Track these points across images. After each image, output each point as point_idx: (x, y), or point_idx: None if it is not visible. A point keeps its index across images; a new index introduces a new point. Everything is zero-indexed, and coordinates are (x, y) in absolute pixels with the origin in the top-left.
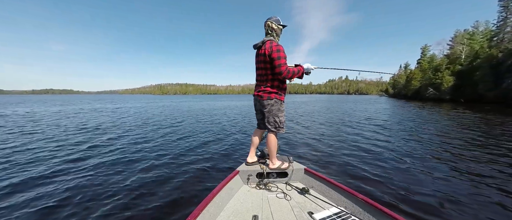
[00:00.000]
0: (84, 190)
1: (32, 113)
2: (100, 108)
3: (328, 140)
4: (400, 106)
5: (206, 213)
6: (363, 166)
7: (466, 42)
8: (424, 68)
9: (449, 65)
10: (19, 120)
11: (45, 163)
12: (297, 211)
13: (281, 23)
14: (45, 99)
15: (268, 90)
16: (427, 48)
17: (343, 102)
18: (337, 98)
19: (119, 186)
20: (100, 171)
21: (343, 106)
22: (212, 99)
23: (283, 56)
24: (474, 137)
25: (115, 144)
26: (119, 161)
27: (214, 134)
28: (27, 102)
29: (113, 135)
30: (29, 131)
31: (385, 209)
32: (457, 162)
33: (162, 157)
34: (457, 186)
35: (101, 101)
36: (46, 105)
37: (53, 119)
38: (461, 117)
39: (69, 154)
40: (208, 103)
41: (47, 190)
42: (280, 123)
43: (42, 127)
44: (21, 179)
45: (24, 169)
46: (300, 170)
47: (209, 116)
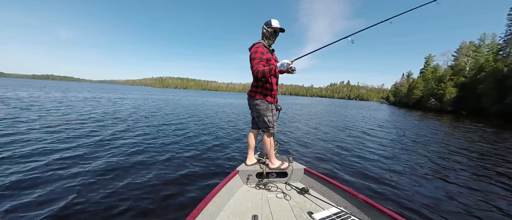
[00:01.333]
0: (82, 188)
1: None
2: (96, 98)
3: (328, 140)
4: (401, 115)
5: (205, 212)
6: (363, 166)
7: (472, 54)
8: (427, 78)
9: (453, 77)
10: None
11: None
12: (297, 211)
13: (273, 25)
14: (53, 85)
15: (253, 90)
16: (431, 58)
17: (344, 107)
18: (338, 102)
19: (117, 185)
20: (97, 169)
21: (345, 112)
22: (213, 96)
23: (258, 56)
24: (475, 147)
25: (114, 142)
26: (117, 160)
27: (214, 133)
28: (31, 87)
29: (109, 131)
30: (22, 119)
31: (384, 209)
32: (455, 167)
33: (161, 156)
34: (456, 187)
35: (104, 91)
36: (53, 92)
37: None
38: (464, 129)
39: (59, 151)
40: (208, 100)
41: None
42: (269, 122)
43: (35, 114)
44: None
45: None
46: (299, 170)
47: (209, 114)
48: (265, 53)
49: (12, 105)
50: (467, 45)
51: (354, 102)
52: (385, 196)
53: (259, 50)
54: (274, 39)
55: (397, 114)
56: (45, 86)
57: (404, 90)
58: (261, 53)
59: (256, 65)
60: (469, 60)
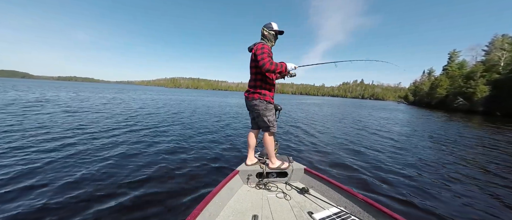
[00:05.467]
0: (81, 186)
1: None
2: (130, 98)
3: (328, 141)
4: (424, 116)
5: (206, 212)
6: (364, 166)
7: (508, 47)
8: (452, 75)
9: (485, 73)
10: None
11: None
12: (297, 211)
13: (274, 28)
14: (87, 87)
15: (252, 90)
16: (456, 54)
17: (357, 107)
18: (351, 102)
19: (117, 184)
20: (97, 167)
21: (358, 112)
22: (222, 96)
23: (266, 52)
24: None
25: (114, 140)
26: (117, 158)
27: (214, 133)
28: (69, 88)
29: (111, 128)
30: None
31: (384, 209)
32: (463, 168)
33: (161, 155)
34: (456, 190)
35: (129, 91)
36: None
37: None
38: (499, 132)
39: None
40: (214, 100)
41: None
42: (269, 121)
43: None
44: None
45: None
46: (300, 170)
47: (213, 113)
48: (271, 52)
49: (75, 107)
50: (501, 38)
51: (369, 102)
52: (385, 196)
53: (266, 47)
54: (275, 42)
55: (420, 115)
56: (77, 88)
57: (426, 89)
58: (268, 50)
59: (267, 57)
60: (504, 54)
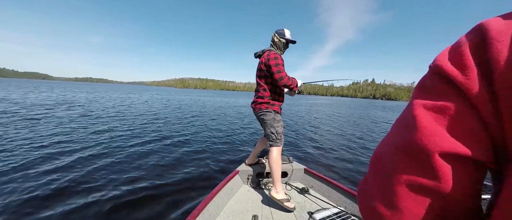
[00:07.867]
0: (82, 185)
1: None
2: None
3: (329, 141)
4: None
5: (205, 212)
6: (364, 167)
7: None
8: None
9: None
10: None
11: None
12: (297, 211)
13: (286, 36)
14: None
15: (259, 101)
16: None
17: (366, 108)
18: (361, 103)
19: (116, 184)
20: (97, 167)
21: (367, 113)
22: (229, 96)
23: (281, 63)
24: None
25: (116, 139)
26: (117, 158)
27: (216, 132)
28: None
29: (113, 127)
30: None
31: None
32: None
33: (161, 155)
34: None
35: (141, 91)
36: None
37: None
38: None
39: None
40: (220, 100)
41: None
42: (277, 133)
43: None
44: None
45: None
46: (300, 170)
47: (216, 114)
48: (283, 65)
49: (104, 108)
50: None
51: (380, 103)
52: None
53: (279, 58)
54: (284, 51)
55: None
56: (95, 89)
57: None
58: (282, 61)
59: (283, 72)
60: None
